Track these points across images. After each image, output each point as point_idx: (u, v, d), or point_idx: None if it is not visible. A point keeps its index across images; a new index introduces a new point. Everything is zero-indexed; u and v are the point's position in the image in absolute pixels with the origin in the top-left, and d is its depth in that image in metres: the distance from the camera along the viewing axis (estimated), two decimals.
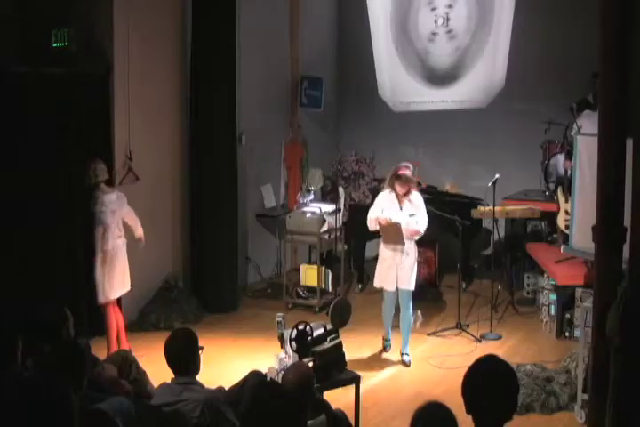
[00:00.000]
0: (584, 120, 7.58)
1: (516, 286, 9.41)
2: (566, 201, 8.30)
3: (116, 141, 8.13)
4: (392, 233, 7.58)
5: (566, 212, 8.27)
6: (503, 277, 9.44)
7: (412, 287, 7.62)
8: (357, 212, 10.14)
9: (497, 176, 8.47)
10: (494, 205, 8.64)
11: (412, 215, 7.55)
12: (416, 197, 7.63)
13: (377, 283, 7.77)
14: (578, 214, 7.46)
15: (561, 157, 9.07)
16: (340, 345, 5.73)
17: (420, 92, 11.21)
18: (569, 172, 8.21)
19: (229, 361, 7.40)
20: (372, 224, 7.67)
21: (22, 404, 2.95)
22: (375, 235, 10.08)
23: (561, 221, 8.52)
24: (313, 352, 5.49)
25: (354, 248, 10.21)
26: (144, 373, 5.64)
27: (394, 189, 7.56)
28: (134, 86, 8.22)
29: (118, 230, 7.30)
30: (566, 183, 8.28)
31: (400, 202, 7.59)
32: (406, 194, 7.57)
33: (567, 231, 8.03)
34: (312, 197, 9.51)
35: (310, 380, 4.63)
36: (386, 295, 7.80)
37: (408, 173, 7.55)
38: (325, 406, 4.72)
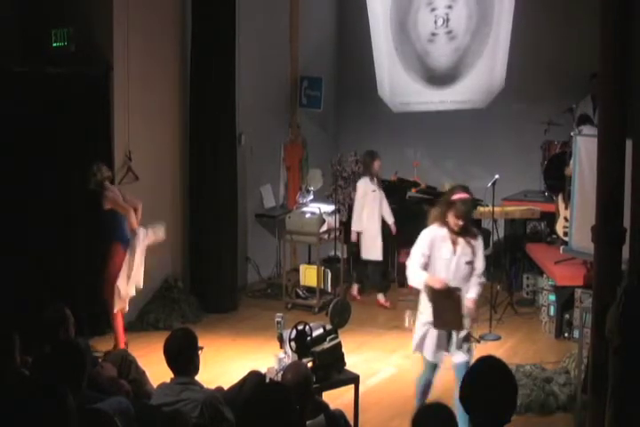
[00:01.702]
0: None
1: (515, 287, 9.41)
2: (566, 208, 8.29)
3: (116, 141, 8.13)
4: (448, 309, 5.54)
5: (565, 219, 8.26)
6: (502, 278, 9.44)
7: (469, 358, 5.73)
8: None
9: (496, 177, 8.48)
10: (494, 206, 8.64)
11: (468, 263, 5.69)
12: (478, 240, 5.78)
13: (420, 349, 5.85)
14: (577, 215, 7.47)
15: None
16: (339, 345, 5.73)
17: (420, 93, 11.21)
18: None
19: (228, 361, 7.40)
20: (414, 279, 5.69)
21: (19, 403, 2.95)
22: None
23: (560, 227, 8.51)
24: (312, 352, 5.48)
25: (353, 248, 10.19)
26: (143, 372, 5.64)
27: (445, 223, 5.65)
28: (134, 86, 8.22)
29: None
30: (567, 190, 8.25)
31: (454, 242, 5.67)
32: (463, 230, 5.66)
33: (566, 238, 8.03)
34: (311, 197, 9.51)
35: (309, 380, 4.64)
36: (427, 366, 5.87)
37: (466, 197, 5.65)
38: (324, 406, 4.72)
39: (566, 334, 8.06)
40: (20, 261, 7.23)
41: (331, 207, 9.34)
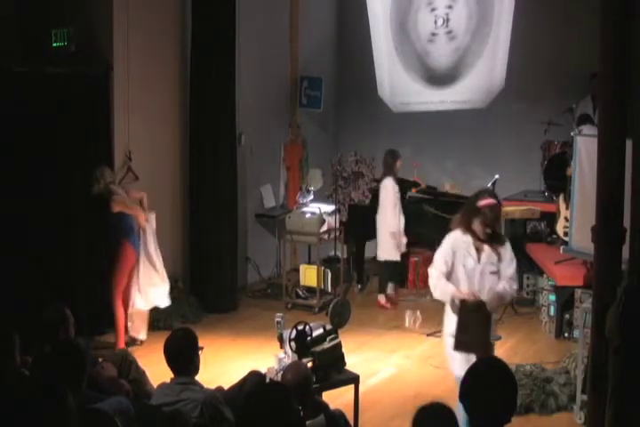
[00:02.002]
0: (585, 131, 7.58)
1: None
2: (567, 208, 8.29)
3: (116, 141, 8.13)
4: (475, 325, 5.19)
5: (566, 219, 8.26)
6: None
7: None
8: (356, 212, 10.15)
9: (496, 177, 8.49)
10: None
11: (493, 273, 5.34)
12: (505, 245, 5.43)
13: (458, 370, 5.28)
14: (577, 215, 7.46)
15: None
16: (339, 345, 5.73)
17: (420, 93, 11.21)
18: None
19: (229, 361, 7.40)
20: (439, 291, 5.34)
21: (19, 403, 2.95)
22: (374, 235, 10.12)
23: (560, 227, 8.50)
24: (312, 352, 5.48)
25: (353, 248, 10.20)
26: (143, 372, 5.64)
27: (470, 230, 5.30)
28: (134, 86, 8.22)
29: None
30: (569, 190, 8.23)
31: (478, 249, 5.33)
32: (491, 239, 5.33)
33: (566, 238, 8.03)
34: (312, 197, 9.51)
35: (309, 380, 4.64)
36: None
37: (494, 204, 5.31)
38: (324, 406, 4.72)
39: (566, 334, 8.05)
40: (20, 261, 7.23)
41: (331, 207, 9.35)
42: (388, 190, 9.13)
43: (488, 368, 3.30)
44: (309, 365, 5.28)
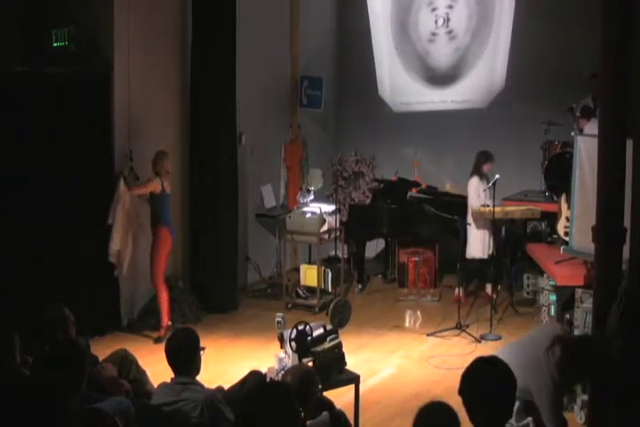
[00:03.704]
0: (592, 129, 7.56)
1: (515, 287, 9.40)
2: (569, 208, 8.27)
3: (117, 141, 8.13)
4: None
5: (567, 218, 8.24)
6: (503, 278, 9.44)
7: None
8: (357, 212, 10.15)
9: (497, 177, 8.47)
10: (494, 206, 8.64)
11: None
12: None
13: None
14: (578, 215, 7.46)
15: None
16: (339, 345, 5.73)
17: (420, 93, 11.22)
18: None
19: (229, 361, 7.40)
20: None
21: (19, 403, 2.95)
22: (374, 235, 10.12)
23: (561, 227, 8.48)
24: (312, 352, 5.48)
25: (353, 248, 10.20)
26: (144, 372, 5.64)
27: None
28: (134, 86, 8.22)
29: None
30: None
31: None
32: None
33: (566, 238, 8.02)
34: (312, 197, 9.51)
35: (311, 379, 4.61)
36: None
37: None
38: (329, 404, 4.69)
39: None
40: (20, 261, 7.22)
41: (331, 207, 9.34)
42: (471, 189, 9.03)
43: (488, 368, 3.30)
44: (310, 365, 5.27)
